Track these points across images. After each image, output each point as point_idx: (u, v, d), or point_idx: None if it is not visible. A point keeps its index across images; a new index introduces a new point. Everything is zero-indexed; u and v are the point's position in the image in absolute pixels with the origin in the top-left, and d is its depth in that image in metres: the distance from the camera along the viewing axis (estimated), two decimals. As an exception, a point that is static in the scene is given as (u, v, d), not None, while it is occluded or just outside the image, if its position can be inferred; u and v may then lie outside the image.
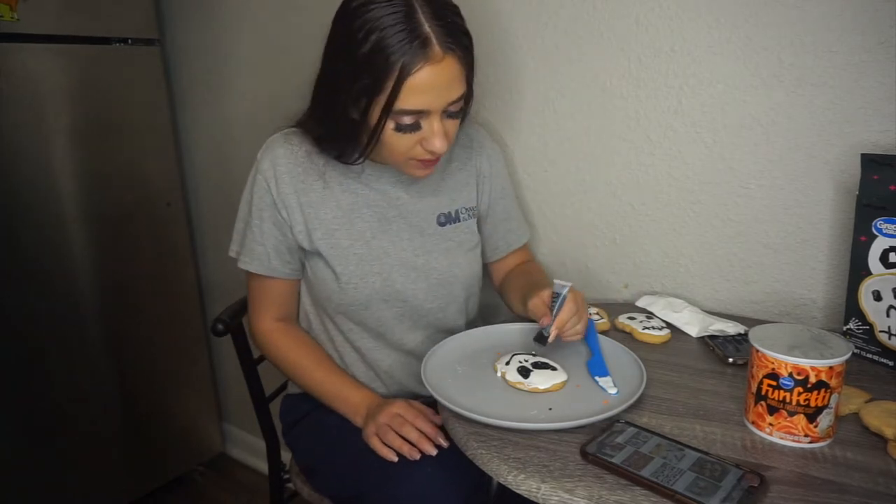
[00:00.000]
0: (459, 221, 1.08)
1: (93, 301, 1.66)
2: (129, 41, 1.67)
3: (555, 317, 0.86)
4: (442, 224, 1.06)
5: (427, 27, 0.82)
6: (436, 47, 0.83)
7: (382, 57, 0.82)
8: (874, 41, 0.88)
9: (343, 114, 0.90)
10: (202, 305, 1.99)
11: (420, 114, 0.86)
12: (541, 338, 0.88)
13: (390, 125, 0.87)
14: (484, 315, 1.26)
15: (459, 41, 0.86)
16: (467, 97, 0.92)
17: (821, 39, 0.92)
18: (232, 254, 1.05)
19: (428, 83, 0.84)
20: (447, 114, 0.89)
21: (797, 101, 0.95)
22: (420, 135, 0.89)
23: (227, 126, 1.79)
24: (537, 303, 0.89)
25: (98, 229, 1.65)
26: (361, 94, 0.86)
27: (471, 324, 1.13)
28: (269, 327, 1.06)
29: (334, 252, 0.99)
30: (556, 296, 0.87)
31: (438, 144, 0.89)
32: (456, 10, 0.88)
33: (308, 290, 1.08)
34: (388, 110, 0.85)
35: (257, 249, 1.00)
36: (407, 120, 0.87)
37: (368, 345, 1.05)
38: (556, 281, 0.89)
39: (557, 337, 0.87)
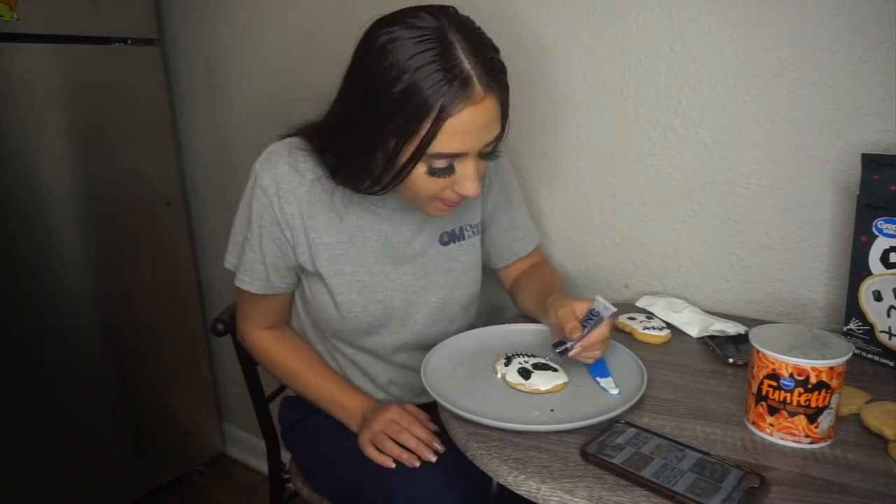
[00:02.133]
0: (464, 240, 1.03)
1: (92, 301, 1.66)
2: (129, 41, 1.67)
3: (586, 333, 0.81)
4: (445, 243, 1.02)
5: (467, 64, 0.76)
6: (477, 87, 0.76)
7: (418, 98, 0.75)
8: (874, 41, 0.88)
9: (367, 153, 0.84)
10: (202, 305, 1.99)
11: (456, 157, 0.81)
12: (562, 349, 0.83)
13: (422, 168, 0.81)
14: (484, 316, 1.26)
15: (500, 80, 0.80)
16: (500, 135, 0.86)
17: (821, 39, 0.92)
18: (228, 266, 1.02)
19: (468, 125, 0.78)
20: (480, 154, 0.84)
21: (797, 101, 0.95)
22: (453, 178, 0.83)
23: (227, 126, 1.79)
24: (568, 313, 0.83)
25: (98, 229, 1.65)
26: (391, 136, 0.79)
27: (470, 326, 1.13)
28: (260, 335, 1.05)
29: (337, 280, 0.95)
30: (594, 313, 0.81)
31: (471, 188, 0.83)
32: (495, 47, 0.82)
33: (303, 306, 1.05)
34: (420, 153, 0.79)
35: (258, 269, 0.97)
36: (441, 164, 0.81)
37: (367, 359, 1.04)
38: (598, 298, 0.81)
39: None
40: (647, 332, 0.98)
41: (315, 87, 1.14)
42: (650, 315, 1.05)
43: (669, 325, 1.02)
